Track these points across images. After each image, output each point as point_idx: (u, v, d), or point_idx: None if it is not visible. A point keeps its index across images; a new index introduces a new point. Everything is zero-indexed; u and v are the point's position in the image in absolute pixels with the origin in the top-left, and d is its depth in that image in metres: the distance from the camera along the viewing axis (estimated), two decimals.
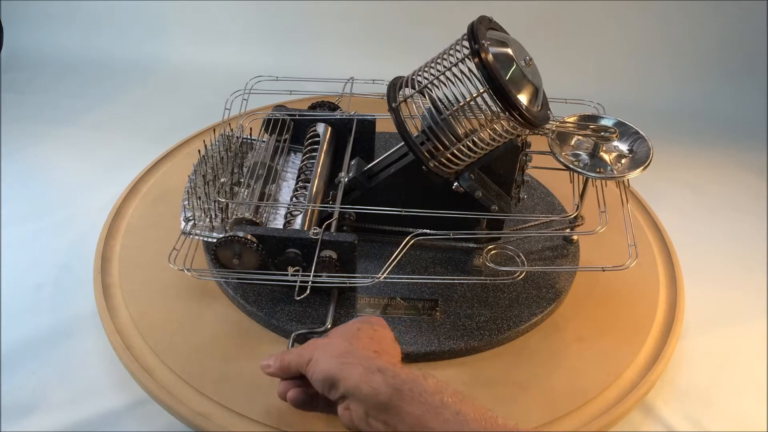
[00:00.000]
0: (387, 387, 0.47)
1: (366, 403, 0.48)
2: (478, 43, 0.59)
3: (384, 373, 0.48)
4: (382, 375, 0.48)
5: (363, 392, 0.48)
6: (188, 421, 0.59)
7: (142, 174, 0.88)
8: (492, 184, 0.73)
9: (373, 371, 0.48)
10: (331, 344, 0.53)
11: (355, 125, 0.80)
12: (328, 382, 0.50)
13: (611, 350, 0.67)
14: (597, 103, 0.77)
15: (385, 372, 0.48)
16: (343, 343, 0.53)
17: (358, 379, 0.48)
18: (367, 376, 0.48)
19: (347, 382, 0.49)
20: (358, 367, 0.49)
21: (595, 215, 0.70)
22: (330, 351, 0.52)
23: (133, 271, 0.73)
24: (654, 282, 0.76)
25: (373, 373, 0.48)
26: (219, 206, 0.69)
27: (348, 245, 0.64)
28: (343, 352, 0.51)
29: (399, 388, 0.47)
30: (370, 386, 0.47)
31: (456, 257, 0.74)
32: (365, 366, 0.49)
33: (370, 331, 0.55)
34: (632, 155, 0.69)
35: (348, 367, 0.49)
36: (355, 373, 0.49)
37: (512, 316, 0.68)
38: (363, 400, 0.48)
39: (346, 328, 0.56)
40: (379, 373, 0.48)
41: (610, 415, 0.61)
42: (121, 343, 0.65)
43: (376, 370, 0.48)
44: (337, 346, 0.52)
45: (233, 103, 0.79)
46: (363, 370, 0.49)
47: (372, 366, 0.49)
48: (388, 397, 0.47)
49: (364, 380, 0.48)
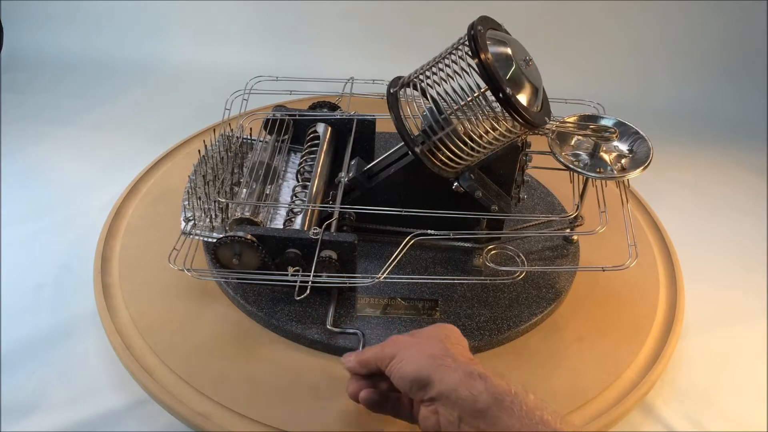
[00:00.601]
0: (488, 395, 0.46)
1: (462, 408, 0.46)
2: (477, 44, 0.59)
3: (486, 381, 0.47)
4: (484, 382, 0.47)
5: (461, 397, 0.46)
6: (188, 421, 0.59)
7: (142, 174, 0.88)
8: (492, 184, 0.73)
9: (475, 377, 0.47)
10: (423, 344, 0.51)
11: (355, 125, 0.80)
12: (418, 382, 0.49)
13: (611, 350, 0.67)
14: (597, 103, 0.77)
15: (486, 379, 0.47)
16: (437, 345, 0.51)
17: (457, 382, 0.47)
18: (467, 380, 0.47)
19: (443, 385, 0.47)
20: (457, 370, 0.48)
21: (595, 215, 0.70)
22: (422, 351, 0.50)
23: (133, 271, 0.73)
24: (654, 282, 0.76)
25: (474, 379, 0.47)
26: (219, 206, 0.69)
27: (348, 245, 0.64)
28: (439, 353, 0.50)
29: (500, 398, 0.46)
30: (469, 391, 0.46)
31: (456, 257, 0.74)
32: (465, 370, 0.48)
33: (459, 337, 0.54)
34: (632, 155, 0.69)
35: (446, 370, 0.48)
36: (454, 377, 0.47)
37: (512, 316, 0.68)
38: (459, 405, 0.46)
39: (434, 331, 0.54)
40: (481, 380, 0.47)
41: (610, 415, 0.61)
42: (121, 343, 0.65)
43: (478, 376, 0.47)
44: (430, 346, 0.51)
45: (233, 103, 0.79)
46: (463, 374, 0.47)
47: (473, 371, 0.47)
48: (487, 405, 0.45)
49: (464, 384, 0.47)
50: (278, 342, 0.66)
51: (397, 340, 0.53)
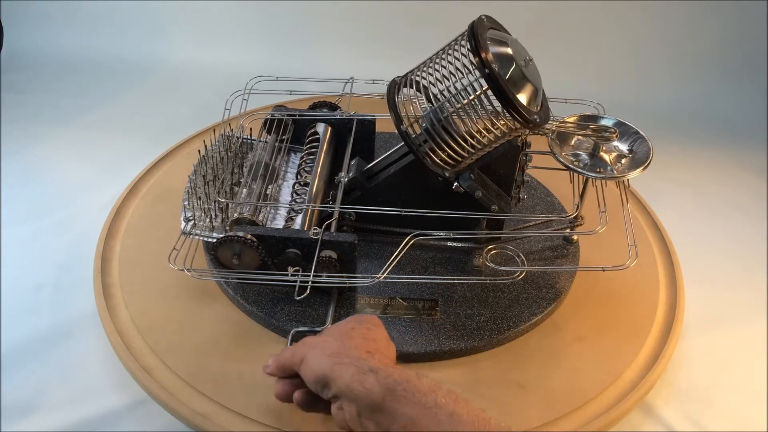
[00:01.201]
0: (380, 387, 0.47)
1: (358, 403, 0.47)
2: (478, 43, 0.59)
3: (377, 373, 0.48)
4: (375, 375, 0.48)
5: (355, 392, 0.47)
6: (188, 421, 0.59)
7: (142, 174, 0.88)
8: (492, 184, 0.73)
9: (366, 371, 0.48)
10: (324, 343, 0.53)
11: (355, 125, 0.80)
12: (320, 382, 0.50)
13: (611, 350, 0.67)
14: (597, 103, 0.77)
15: (377, 372, 0.48)
16: (335, 343, 0.52)
17: (351, 379, 0.48)
18: (359, 376, 0.48)
19: (339, 382, 0.48)
20: (350, 367, 0.49)
21: (595, 215, 0.70)
22: (322, 350, 0.52)
23: (133, 271, 0.73)
24: (654, 282, 0.76)
25: (365, 374, 0.48)
26: (219, 206, 0.69)
27: (348, 245, 0.64)
28: (336, 351, 0.51)
29: (392, 389, 0.47)
30: (362, 386, 0.47)
31: (456, 257, 0.74)
32: (358, 366, 0.49)
33: (364, 330, 0.55)
34: (632, 155, 0.69)
35: (340, 367, 0.49)
36: (348, 373, 0.48)
37: (512, 316, 0.68)
38: (355, 400, 0.48)
39: (339, 328, 0.56)
40: (372, 373, 0.48)
41: (610, 415, 0.61)
42: (121, 343, 0.65)
43: (369, 370, 0.48)
44: (329, 345, 0.52)
45: (233, 103, 0.79)
46: (355, 370, 0.48)
47: (364, 366, 0.49)
48: (381, 398, 0.46)
49: (356, 380, 0.48)
50: (278, 342, 0.66)
51: (306, 341, 0.55)
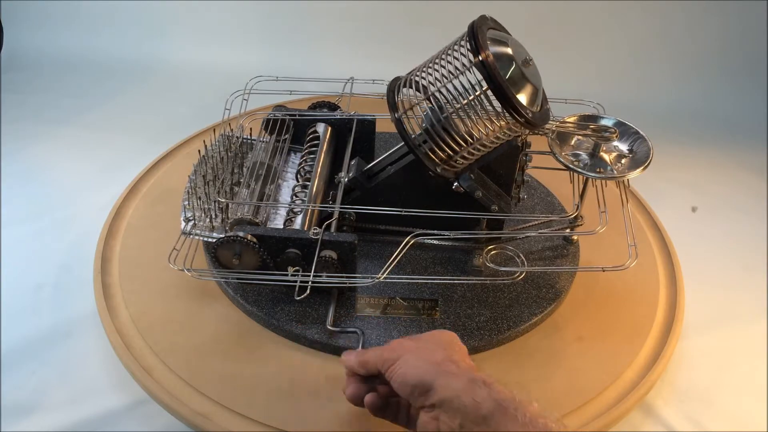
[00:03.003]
0: (492, 402, 0.45)
1: (464, 415, 0.45)
2: (478, 43, 0.59)
3: (489, 388, 0.46)
4: (488, 389, 0.46)
5: (464, 403, 0.46)
6: (188, 421, 0.59)
7: (142, 174, 0.88)
8: (492, 184, 0.73)
9: (479, 384, 0.46)
10: (426, 349, 0.51)
11: (355, 125, 0.80)
12: (420, 387, 0.48)
13: (611, 350, 0.67)
14: (597, 103, 0.77)
15: (490, 387, 0.46)
16: (439, 351, 0.51)
17: (461, 389, 0.46)
18: (471, 387, 0.46)
19: (445, 391, 0.47)
20: (461, 377, 0.47)
21: (595, 215, 0.69)
22: (425, 356, 0.50)
23: (133, 271, 0.73)
24: (654, 282, 0.76)
25: (478, 386, 0.46)
26: (219, 206, 0.69)
27: (348, 245, 0.64)
28: (442, 359, 0.49)
29: (503, 405, 0.45)
30: (473, 398, 0.45)
31: (456, 257, 0.74)
32: (469, 377, 0.47)
33: (460, 344, 0.54)
34: (632, 155, 0.69)
35: (448, 376, 0.48)
36: (458, 383, 0.47)
37: (512, 316, 0.68)
38: (462, 412, 0.46)
39: (436, 336, 0.54)
40: (485, 387, 0.46)
41: (610, 415, 0.61)
42: (121, 343, 0.65)
43: (482, 383, 0.47)
44: (433, 352, 0.50)
45: (233, 103, 0.79)
46: (467, 381, 0.47)
47: (476, 378, 0.47)
48: (490, 412, 0.45)
49: (467, 391, 0.46)
50: (278, 342, 0.66)
51: (400, 344, 0.53)
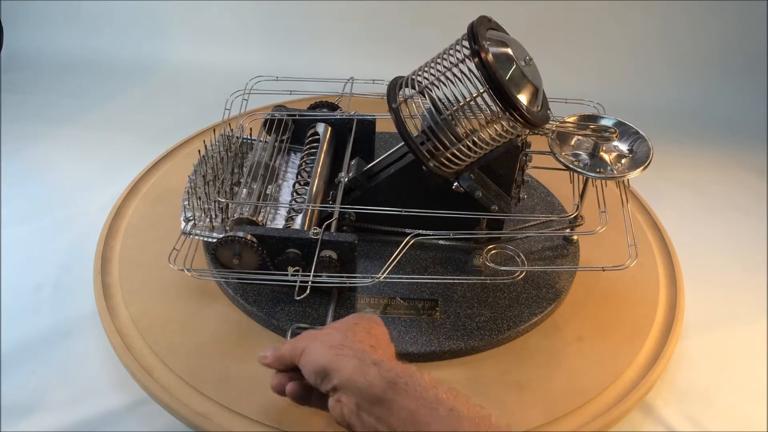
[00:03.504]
0: (382, 380, 0.46)
1: (359, 396, 0.47)
2: (478, 43, 0.59)
3: (379, 366, 0.47)
4: (377, 368, 0.47)
5: (357, 384, 0.47)
6: (188, 421, 0.59)
7: (142, 174, 0.88)
8: (492, 184, 0.73)
9: (368, 364, 0.48)
10: (326, 335, 0.52)
11: (355, 125, 0.80)
12: (320, 374, 0.49)
13: (611, 350, 0.67)
14: (597, 103, 0.77)
15: (380, 365, 0.48)
16: (338, 335, 0.52)
17: (353, 371, 0.47)
18: (361, 368, 0.47)
19: (341, 374, 0.48)
20: (352, 359, 0.48)
21: (595, 215, 0.70)
22: (324, 342, 0.51)
23: (133, 271, 0.73)
24: (654, 282, 0.76)
25: (368, 366, 0.48)
26: (219, 206, 0.69)
27: (348, 245, 0.64)
28: (338, 343, 0.51)
29: (394, 382, 0.46)
30: (364, 378, 0.47)
31: (456, 257, 0.74)
32: (360, 358, 0.48)
33: (367, 326, 0.55)
34: (632, 155, 0.69)
35: (342, 359, 0.49)
36: (350, 365, 0.48)
37: (512, 316, 0.68)
38: (356, 393, 0.47)
39: (342, 323, 0.56)
40: (375, 366, 0.47)
41: (610, 415, 0.61)
42: (121, 343, 0.65)
43: (372, 363, 0.48)
44: (331, 337, 0.52)
45: (233, 103, 0.79)
46: (358, 362, 0.48)
47: (367, 359, 0.48)
48: (382, 391, 0.46)
49: (358, 372, 0.47)
50: (278, 342, 0.65)
51: (308, 334, 0.54)
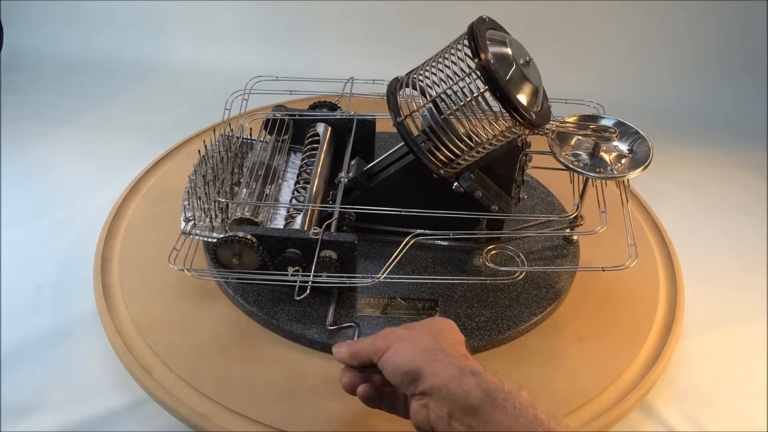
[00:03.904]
0: (480, 392, 0.45)
1: (453, 404, 0.45)
2: (478, 44, 0.59)
3: (478, 377, 0.46)
4: (476, 378, 0.45)
5: (452, 392, 0.45)
6: (188, 421, 0.59)
7: (142, 174, 0.88)
8: (492, 184, 0.73)
9: (467, 373, 0.46)
10: (416, 337, 0.51)
11: (355, 125, 0.80)
12: (410, 375, 0.47)
13: (611, 350, 0.67)
14: (597, 103, 0.77)
15: (479, 376, 0.46)
16: (430, 339, 0.50)
17: (449, 377, 0.46)
18: (459, 376, 0.46)
19: (435, 379, 0.46)
20: (449, 365, 0.47)
21: (595, 215, 0.70)
22: (415, 344, 0.49)
23: (133, 271, 0.73)
24: (654, 282, 0.76)
25: (466, 375, 0.46)
26: (219, 206, 0.69)
27: (348, 245, 0.64)
28: (432, 347, 0.49)
29: (493, 395, 0.44)
30: (461, 388, 0.45)
31: (456, 257, 0.74)
32: (458, 366, 0.47)
33: (452, 331, 0.53)
34: (632, 155, 0.69)
35: (437, 364, 0.47)
36: (446, 372, 0.46)
37: (512, 316, 0.68)
38: (450, 400, 0.45)
39: (428, 325, 0.53)
40: (473, 377, 0.46)
41: (610, 415, 0.61)
42: (121, 343, 0.65)
43: (470, 372, 0.46)
44: (423, 340, 0.50)
45: (233, 103, 0.79)
46: (455, 370, 0.46)
47: (465, 367, 0.47)
48: (479, 402, 0.44)
49: (455, 380, 0.46)
50: (278, 342, 0.66)
51: (391, 333, 0.52)
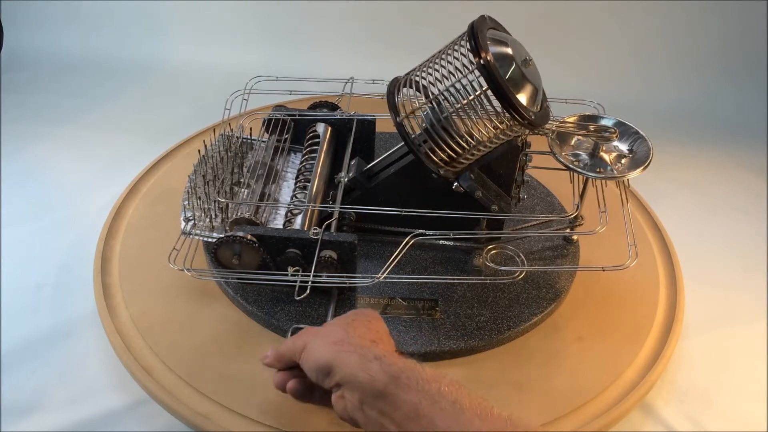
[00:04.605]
0: (384, 375, 0.46)
1: (362, 391, 0.47)
2: (478, 43, 0.59)
3: (381, 361, 0.47)
4: (379, 362, 0.47)
5: (359, 379, 0.47)
6: (188, 421, 0.59)
7: (142, 174, 0.88)
8: (492, 184, 0.73)
9: (370, 359, 0.48)
10: (327, 332, 0.52)
11: (355, 125, 0.80)
12: (322, 370, 0.49)
13: (611, 350, 0.67)
14: (597, 103, 0.77)
15: (381, 360, 0.47)
16: (339, 331, 0.52)
17: (355, 366, 0.47)
18: (363, 363, 0.47)
19: (343, 369, 0.48)
20: (354, 354, 0.48)
21: (595, 215, 0.70)
22: (325, 338, 0.51)
23: (133, 271, 0.73)
24: (654, 282, 0.76)
25: (369, 361, 0.47)
26: (219, 206, 0.69)
27: (348, 245, 0.64)
28: (340, 339, 0.51)
29: (396, 376, 0.46)
30: (366, 374, 0.47)
31: (456, 257, 0.74)
32: (361, 354, 0.48)
33: (366, 321, 0.55)
34: (632, 155, 0.69)
35: (344, 355, 0.49)
36: (352, 361, 0.48)
37: (512, 316, 0.68)
38: (359, 388, 0.47)
39: (341, 318, 0.56)
40: (376, 361, 0.47)
41: (610, 415, 0.61)
42: (121, 343, 0.65)
43: (373, 357, 0.48)
44: (333, 333, 0.52)
45: (233, 103, 0.79)
46: (359, 358, 0.48)
47: (369, 354, 0.48)
48: (384, 385, 0.46)
49: (360, 367, 0.47)
50: (278, 342, 0.65)
51: (307, 331, 0.54)
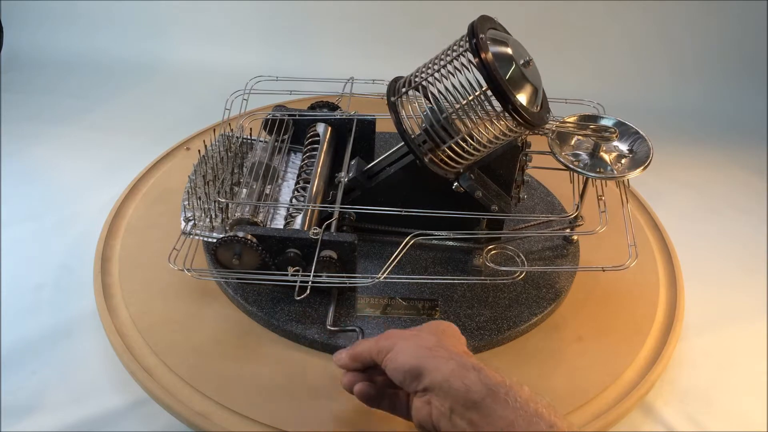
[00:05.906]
0: (482, 386, 0.45)
1: (454, 399, 0.46)
2: (478, 43, 0.59)
3: (479, 372, 0.46)
4: (477, 373, 0.46)
5: (454, 387, 0.46)
6: (188, 421, 0.59)
7: (142, 174, 0.88)
8: (492, 184, 0.73)
9: (468, 368, 0.47)
10: (419, 336, 0.51)
11: (355, 125, 0.80)
12: (412, 373, 0.48)
13: (611, 350, 0.67)
14: (597, 103, 0.77)
15: (480, 371, 0.46)
16: (431, 337, 0.51)
17: (450, 373, 0.46)
18: (460, 371, 0.46)
19: (436, 375, 0.47)
20: (450, 361, 0.47)
21: (595, 215, 0.69)
22: (418, 343, 0.50)
23: (133, 271, 0.73)
24: (654, 282, 0.76)
25: (467, 370, 0.46)
26: (219, 206, 0.69)
27: (348, 245, 0.64)
28: (434, 345, 0.50)
29: (494, 390, 0.45)
30: (462, 382, 0.46)
31: (456, 257, 0.74)
32: (459, 362, 0.47)
33: (456, 333, 0.54)
34: (632, 155, 0.69)
35: (438, 360, 0.48)
36: (447, 367, 0.47)
37: (512, 316, 0.68)
38: (451, 396, 0.46)
39: (431, 326, 0.55)
40: (474, 371, 0.46)
41: (610, 415, 0.61)
42: (121, 343, 0.65)
43: (471, 367, 0.47)
44: (425, 338, 0.51)
45: (233, 103, 0.79)
46: (456, 365, 0.47)
47: (467, 363, 0.47)
48: (481, 397, 0.45)
49: (456, 375, 0.46)
50: (278, 342, 0.66)
51: (393, 333, 0.53)
